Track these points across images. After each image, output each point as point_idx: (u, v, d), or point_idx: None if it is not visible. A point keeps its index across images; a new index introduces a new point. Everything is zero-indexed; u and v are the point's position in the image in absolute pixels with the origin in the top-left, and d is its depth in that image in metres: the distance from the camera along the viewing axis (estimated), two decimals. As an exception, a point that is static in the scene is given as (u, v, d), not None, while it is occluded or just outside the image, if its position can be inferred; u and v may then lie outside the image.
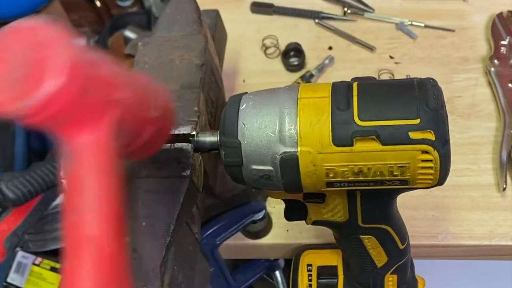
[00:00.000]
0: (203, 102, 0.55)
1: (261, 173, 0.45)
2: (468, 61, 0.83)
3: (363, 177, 0.43)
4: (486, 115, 0.77)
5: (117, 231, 0.33)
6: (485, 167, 0.72)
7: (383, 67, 0.83)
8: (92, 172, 0.32)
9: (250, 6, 0.93)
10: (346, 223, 0.50)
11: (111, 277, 0.33)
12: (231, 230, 0.66)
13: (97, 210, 0.32)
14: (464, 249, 0.68)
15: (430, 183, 0.43)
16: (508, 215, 0.68)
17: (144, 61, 0.59)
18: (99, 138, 0.32)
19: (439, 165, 0.42)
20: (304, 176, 0.44)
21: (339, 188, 0.44)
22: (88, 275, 0.31)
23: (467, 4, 0.89)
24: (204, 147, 0.50)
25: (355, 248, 0.54)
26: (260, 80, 0.85)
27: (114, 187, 0.33)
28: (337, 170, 0.43)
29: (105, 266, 0.32)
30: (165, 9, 0.64)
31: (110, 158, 0.33)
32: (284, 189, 0.45)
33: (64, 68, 0.28)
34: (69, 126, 0.31)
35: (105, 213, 0.33)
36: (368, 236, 0.52)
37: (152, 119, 0.40)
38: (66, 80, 0.28)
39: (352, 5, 0.90)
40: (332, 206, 0.49)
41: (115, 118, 0.33)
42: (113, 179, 0.33)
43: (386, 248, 0.54)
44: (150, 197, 0.48)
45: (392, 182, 0.43)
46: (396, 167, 0.42)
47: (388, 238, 0.53)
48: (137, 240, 0.47)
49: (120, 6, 1.57)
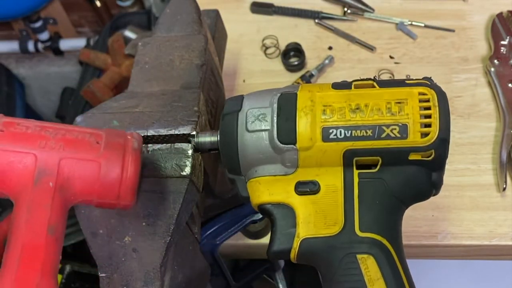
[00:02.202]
0: (203, 102, 0.55)
1: (257, 113, 0.46)
2: (468, 61, 0.83)
3: (361, 117, 0.44)
4: (486, 115, 0.77)
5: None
6: (485, 167, 0.72)
7: (383, 67, 0.83)
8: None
9: (250, 6, 0.93)
10: (341, 236, 0.45)
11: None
12: (231, 230, 0.66)
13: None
14: (464, 249, 0.68)
15: (433, 133, 0.43)
16: (508, 215, 0.68)
17: (144, 61, 0.59)
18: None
19: (438, 105, 0.43)
20: (300, 113, 0.45)
21: (335, 143, 0.44)
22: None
23: (467, 4, 0.89)
24: (204, 147, 0.50)
25: (350, 284, 0.44)
26: (260, 80, 0.85)
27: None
28: (334, 107, 0.44)
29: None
30: (165, 9, 0.64)
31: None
32: (278, 135, 0.45)
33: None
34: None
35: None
36: (366, 255, 0.44)
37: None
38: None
39: (352, 5, 0.90)
40: (327, 201, 0.46)
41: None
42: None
43: (389, 284, 0.44)
44: (150, 197, 0.48)
45: (392, 130, 0.43)
46: (394, 103, 0.44)
47: (390, 263, 0.44)
48: (137, 240, 0.47)
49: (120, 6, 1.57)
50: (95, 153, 0.42)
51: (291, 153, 0.45)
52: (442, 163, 0.45)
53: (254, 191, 0.48)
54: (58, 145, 0.41)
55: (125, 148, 0.43)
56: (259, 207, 0.48)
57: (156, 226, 0.47)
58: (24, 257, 0.38)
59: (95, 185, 0.42)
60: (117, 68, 1.28)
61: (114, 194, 0.42)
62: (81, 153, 0.42)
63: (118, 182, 0.42)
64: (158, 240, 0.47)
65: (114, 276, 0.46)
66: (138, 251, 0.47)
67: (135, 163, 0.43)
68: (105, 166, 0.42)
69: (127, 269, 0.46)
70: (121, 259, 0.47)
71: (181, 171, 0.49)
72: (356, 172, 0.45)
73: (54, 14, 1.63)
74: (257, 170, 0.47)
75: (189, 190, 0.49)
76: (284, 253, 0.46)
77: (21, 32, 1.66)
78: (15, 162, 0.40)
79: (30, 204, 0.40)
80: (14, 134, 0.41)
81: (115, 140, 0.43)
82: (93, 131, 0.44)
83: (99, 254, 0.47)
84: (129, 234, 0.47)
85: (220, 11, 0.74)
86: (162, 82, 0.57)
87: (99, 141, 0.43)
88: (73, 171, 0.41)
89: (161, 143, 0.50)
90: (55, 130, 0.42)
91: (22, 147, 0.41)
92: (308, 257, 0.46)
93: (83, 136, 0.43)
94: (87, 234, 0.48)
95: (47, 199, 0.40)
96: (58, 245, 0.40)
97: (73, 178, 0.41)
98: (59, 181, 0.41)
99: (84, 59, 1.40)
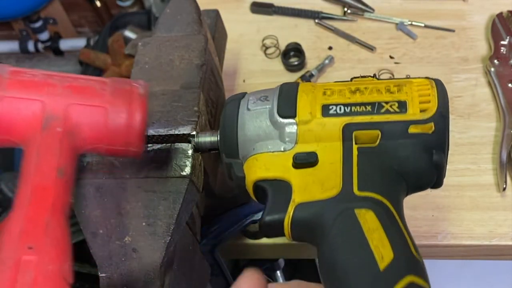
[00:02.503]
0: (203, 102, 0.55)
1: (259, 95, 0.48)
2: (468, 61, 0.83)
3: (360, 96, 0.45)
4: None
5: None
6: (485, 167, 0.72)
7: (383, 67, 0.83)
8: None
9: (250, 6, 0.93)
10: (338, 197, 0.42)
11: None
12: (231, 230, 0.66)
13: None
14: (464, 249, 0.68)
15: (431, 108, 0.44)
16: (508, 215, 0.68)
17: (144, 61, 0.59)
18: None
19: (436, 87, 0.45)
20: (301, 93, 0.46)
21: (334, 118, 0.45)
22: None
23: (467, 4, 0.89)
24: (204, 147, 0.50)
25: (347, 237, 0.40)
26: (260, 80, 0.85)
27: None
28: (334, 89, 0.46)
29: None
30: (165, 9, 0.64)
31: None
32: (278, 110, 0.46)
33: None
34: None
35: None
36: (364, 210, 0.41)
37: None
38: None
39: (352, 5, 0.90)
40: (325, 172, 0.44)
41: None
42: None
43: (390, 234, 0.40)
44: (150, 197, 0.48)
45: (391, 106, 0.44)
46: (393, 85, 0.45)
47: (390, 218, 0.41)
48: (137, 240, 0.47)
49: (120, 6, 1.57)
50: (101, 99, 0.43)
51: (290, 127, 0.45)
52: (442, 141, 0.45)
53: (250, 168, 0.46)
54: (65, 92, 0.42)
55: (131, 94, 0.44)
56: (254, 185, 0.46)
57: (156, 226, 0.47)
58: (34, 197, 0.39)
59: (102, 131, 0.43)
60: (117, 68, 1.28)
61: (122, 140, 0.43)
62: (87, 99, 0.42)
63: (126, 127, 0.43)
64: (158, 240, 0.47)
65: (114, 276, 0.46)
66: (138, 251, 0.47)
67: (142, 108, 0.44)
68: (112, 111, 0.42)
69: (127, 269, 0.46)
70: (121, 259, 0.47)
71: (181, 171, 0.49)
72: (355, 146, 0.45)
73: (54, 14, 1.64)
74: (255, 147, 0.47)
75: (189, 190, 0.49)
76: (278, 223, 0.43)
77: (21, 32, 1.66)
78: (23, 108, 0.41)
79: (39, 148, 0.41)
80: (22, 81, 0.42)
81: (121, 86, 0.44)
82: (99, 79, 0.44)
83: (99, 254, 0.47)
84: (129, 234, 0.47)
85: (220, 11, 0.74)
86: (162, 82, 0.57)
87: (105, 88, 0.44)
88: (81, 116, 0.42)
89: (161, 143, 0.50)
90: (61, 78, 0.43)
91: (30, 94, 0.42)
92: (304, 224, 0.43)
93: (89, 83, 0.44)
94: (87, 234, 0.48)
95: (55, 143, 0.41)
96: (68, 187, 0.41)
97: (80, 123, 0.42)
98: (67, 126, 0.42)
99: (84, 59, 1.40)
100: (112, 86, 0.44)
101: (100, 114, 0.42)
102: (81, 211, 0.49)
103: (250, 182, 0.47)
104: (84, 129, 0.42)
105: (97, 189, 0.49)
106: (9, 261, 0.36)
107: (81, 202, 0.49)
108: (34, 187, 0.39)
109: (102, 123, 0.42)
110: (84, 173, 0.50)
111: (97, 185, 0.50)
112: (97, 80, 0.44)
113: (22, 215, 0.38)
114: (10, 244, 0.37)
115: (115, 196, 0.49)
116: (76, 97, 0.42)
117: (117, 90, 0.44)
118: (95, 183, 0.50)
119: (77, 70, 1.50)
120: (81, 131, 0.42)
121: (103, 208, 0.49)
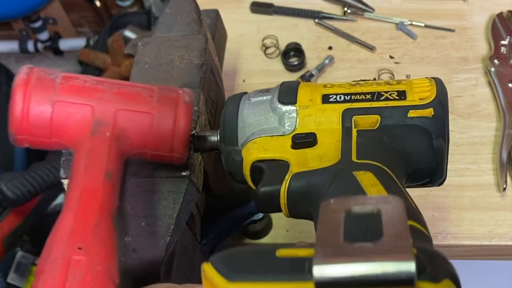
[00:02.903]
0: (203, 102, 0.55)
1: (261, 90, 0.48)
2: (468, 61, 0.83)
3: (360, 88, 0.46)
4: (486, 115, 0.77)
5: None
6: (485, 167, 0.72)
7: (383, 67, 0.83)
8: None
9: (250, 6, 0.93)
10: (336, 165, 0.41)
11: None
12: (231, 230, 0.66)
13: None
14: (464, 249, 0.68)
15: (430, 95, 0.44)
16: (508, 215, 0.68)
17: (144, 61, 0.59)
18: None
19: (434, 80, 0.45)
20: (302, 85, 0.47)
21: (334, 104, 0.45)
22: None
23: (467, 4, 0.89)
24: (204, 147, 0.50)
25: (344, 193, 0.39)
26: (260, 80, 0.85)
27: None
28: (334, 84, 0.47)
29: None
30: (165, 9, 0.64)
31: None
32: (278, 97, 0.46)
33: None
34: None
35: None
36: (363, 172, 0.40)
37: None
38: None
39: (352, 5, 0.90)
40: (323, 149, 0.44)
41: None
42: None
43: (389, 188, 0.39)
44: (150, 197, 0.48)
45: (390, 94, 0.44)
46: (392, 80, 0.46)
47: (389, 179, 0.40)
48: (137, 240, 0.47)
49: (120, 6, 1.57)
50: (148, 105, 0.44)
51: (290, 112, 0.46)
52: (442, 126, 0.44)
53: (248, 150, 0.46)
54: (113, 98, 0.43)
55: (177, 101, 0.45)
56: (251, 167, 0.46)
57: (156, 226, 0.47)
58: (83, 199, 0.40)
59: (149, 136, 0.44)
60: (116, 68, 1.28)
61: (168, 146, 0.44)
62: (135, 105, 0.44)
63: (171, 134, 0.44)
64: (158, 240, 0.47)
65: (114, 276, 0.46)
66: (138, 251, 0.47)
67: (187, 115, 0.45)
68: (158, 118, 0.44)
69: (127, 269, 0.46)
70: (121, 259, 0.47)
71: (181, 171, 0.49)
72: (354, 130, 0.44)
73: (54, 14, 1.64)
74: (254, 133, 0.47)
75: (189, 190, 0.49)
76: (273, 193, 0.42)
77: (21, 32, 1.66)
78: (74, 113, 0.42)
79: (88, 152, 0.42)
80: (73, 87, 0.43)
81: (167, 94, 0.45)
82: (146, 86, 0.46)
83: (99, 254, 0.47)
84: (129, 234, 0.47)
85: (220, 11, 0.74)
86: (162, 82, 0.57)
87: (152, 94, 0.45)
88: (128, 122, 0.43)
89: (161, 143, 0.50)
90: (110, 84, 0.44)
91: (80, 99, 0.43)
92: (300, 192, 0.41)
93: (137, 90, 0.45)
94: (87, 234, 0.48)
95: (104, 147, 0.42)
96: (115, 190, 0.42)
97: (128, 129, 0.43)
98: (115, 131, 0.43)
99: (84, 59, 1.40)
100: (159, 93, 0.45)
101: (147, 120, 0.43)
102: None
103: (247, 163, 0.46)
104: (131, 134, 0.43)
105: (97, 189, 0.49)
106: (60, 260, 0.36)
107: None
108: (83, 189, 0.40)
109: (149, 128, 0.43)
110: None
111: (97, 185, 0.50)
112: (145, 87, 0.45)
113: (72, 216, 0.39)
114: (61, 244, 0.37)
115: (115, 196, 0.49)
116: (124, 103, 0.43)
117: (164, 97, 0.45)
118: (95, 183, 0.50)
119: (77, 70, 1.50)
120: (128, 136, 0.43)
121: (103, 208, 0.49)
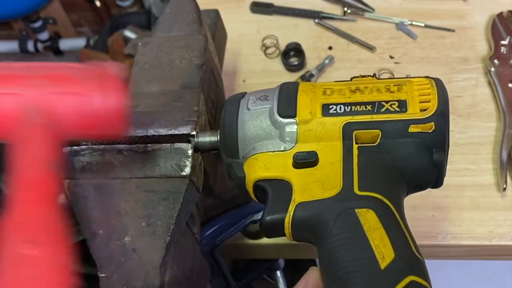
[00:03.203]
0: (203, 102, 0.55)
1: (259, 95, 0.48)
2: (468, 61, 0.83)
3: (360, 96, 0.45)
4: (486, 115, 0.77)
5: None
6: (485, 167, 0.72)
7: (383, 67, 0.83)
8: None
9: (250, 6, 0.93)
10: (338, 197, 0.42)
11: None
12: (231, 230, 0.66)
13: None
14: (464, 249, 0.68)
15: (432, 107, 0.44)
16: (508, 215, 0.68)
17: (144, 61, 0.59)
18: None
19: (436, 86, 0.45)
20: (301, 93, 0.47)
21: (334, 118, 0.45)
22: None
23: (467, 4, 0.89)
24: (204, 147, 0.50)
25: (348, 236, 0.40)
26: (260, 80, 0.85)
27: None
28: (334, 89, 0.46)
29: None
30: (165, 9, 0.64)
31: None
32: (277, 109, 0.46)
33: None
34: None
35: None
36: (365, 209, 0.41)
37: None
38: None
39: (352, 5, 0.90)
40: (325, 171, 0.44)
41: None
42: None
43: (391, 233, 0.40)
44: (150, 197, 0.48)
45: (391, 105, 0.44)
46: (393, 85, 0.46)
47: (391, 217, 0.41)
48: (137, 240, 0.47)
49: (120, 6, 1.57)
50: (74, 85, 0.43)
51: (291, 127, 0.46)
52: (443, 140, 0.44)
53: (250, 167, 0.46)
54: (41, 82, 0.42)
55: (103, 76, 0.44)
56: (254, 185, 0.46)
57: (156, 226, 0.47)
58: (27, 192, 0.39)
59: (81, 117, 0.43)
60: (117, 68, 1.28)
61: (104, 123, 0.43)
62: (62, 87, 0.43)
63: (103, 110, 0.43)
64: (158, 240, 0.47)
65: (114, 276, 0.46)
66: (138, 251, 0.47)
67: (116, 89, 0.43)
68: (86, 96, 0.42)
69: (127, 269, 0.46)
70: (121, 259, 0.47)
71: (181, 171, 0.49)
72: (355, 146, 0.44)
73: (54, 14, 1.63)
74: (255, 147, 0.47)
75: (189, 190, 0.49)
76: (278, 223, 0.43)
77: (21, 32, 1.66)
78: (2, 104, 0.41)
79: (22, 141, 0.41)
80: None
81: (94, 70, 0.44)
82: (72, 65, 0.45)
83: (99, 254, 0.47)
84: (129, 234, 0.47)
85: (220, 11, 0.74)
86: (162, 82, 0.57)
87: (77, 73, 0.44)
88: (58, 105, 0.42)
89: (161, 143, 0.50)
90: (37, 68, 0.43)
91: (8, 89, 0.42)
92: (304, 224, 0.42)
93: (62, 71, 0.44)
94: (87, 234, 0.48)
95: (38, 135, 0.41)
96: (58, 178, 0.41)
97: (60, 113, 0.42)
98: (47, 117, 0.42)
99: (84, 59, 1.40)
100: (84, 71, 0.44)
101: (77, 100, 0.42)
102: (81, 211, 0.48)
103: (250, 182, 0.47)
104: (63, 117, 0.42)
105: (97, 189, 0.49)
106: (12, 257, 0.36)
107: (81, 202, 0.49)
108: (25, 182, 0.40)
109: (80, 109, 0.42)
110: (84, 173, 0.50)
111: (97, 185, 0.50)
112: (70, 67, 0.44)
113: (18, 211, 0.38)
114: (10, 241, 0.37)
115: (115, 196, 0.49)
116: (52, 86, 0.42)
117: (89, 75, 0.44)
118: (95, 183, 0.50)
119: (77, 70, 1.50)
120: (62, 120, 0.42)
121: (103, 208, 0.49)
